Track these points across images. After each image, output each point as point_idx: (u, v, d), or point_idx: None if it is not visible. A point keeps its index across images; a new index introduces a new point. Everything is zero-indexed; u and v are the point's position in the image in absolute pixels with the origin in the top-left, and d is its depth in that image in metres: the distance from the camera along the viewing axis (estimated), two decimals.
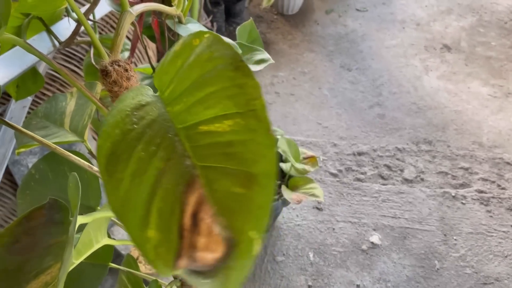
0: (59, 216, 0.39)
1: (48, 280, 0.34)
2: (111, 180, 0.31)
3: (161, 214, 0.30)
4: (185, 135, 0.33)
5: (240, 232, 0.29)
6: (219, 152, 0.31)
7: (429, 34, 2.40)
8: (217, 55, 0.33)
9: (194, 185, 0.31)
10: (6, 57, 0.71)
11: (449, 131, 1.83)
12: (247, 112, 0.31)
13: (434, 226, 1.48)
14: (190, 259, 0.29)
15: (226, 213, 0.29)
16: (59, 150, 0.46)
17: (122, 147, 0.32)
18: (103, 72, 0.43)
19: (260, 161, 0.29)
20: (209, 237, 0.29)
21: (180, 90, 0.35)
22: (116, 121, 0.34)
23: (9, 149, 1.07)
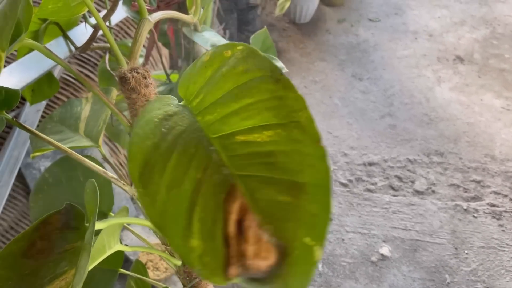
0: (75, 221, 0.39)
1: (63, 286, 0.34)
2: (146, 192, 0.31)
3: (204, 223, 0.30)
4: (221, 145, 0.33)
5: (292, 239, 0.28)
6: (259, 162, 0.31)
7: (442, 45, 2.39)
8: (254, 67, 0.33)
9: (235, 193, 0.30)
10: (24, 61, 0.72)
11: (461, 143, 1.81)
12: (289, 123, 0.31)
13: (445, 239, 1.46)
14: (242, 267, 0.29)
15: (273, 221, 0.29)
16: (75, 155, 0.46)
17: (155, 159, 0.32)
18: (122, 79, 0.43)
19: (306, 171, 0.29)
20: (258, 244, 0.29)
21: (212, 100, 0.35)
22: (146, 133, 0.33)
23: (22, 152, 1.08)
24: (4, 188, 1.04)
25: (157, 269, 1.29)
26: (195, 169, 0.32)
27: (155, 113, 0.35)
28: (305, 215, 0.29)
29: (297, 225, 0.30)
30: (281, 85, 0.33)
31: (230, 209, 0.31)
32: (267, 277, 0.30)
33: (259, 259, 0.30)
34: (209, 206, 0.31)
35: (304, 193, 0.30)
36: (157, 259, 1.33)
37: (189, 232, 0.30)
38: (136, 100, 0.44)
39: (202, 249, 0.30)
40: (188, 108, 0.37)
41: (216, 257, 0.30)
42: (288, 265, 0.29)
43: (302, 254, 0.29)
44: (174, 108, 0.37)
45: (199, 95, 0.36)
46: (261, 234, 0.30)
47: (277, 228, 0.30)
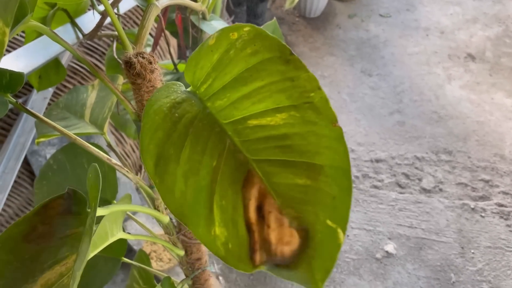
0: (77, 207, 0.39)
1: (63, 271, 0.33)
2: (163, 182, 0.30)
3: (224, 210, 0.29)
4: (233, 130, 0.32)
5: (314, 222, 0.28)
6: (274, 146, 0.30)
7: (453, 42, 2.35)
8: (263, 48, 0.32)
9: (252, 179, 0.30)
10: (30, 47, 0.72)
11: (470, 142, 1.79)
12: (302, 104, 0.30)
13: (452, 238, 1.45)
14: (267, 253, 0.28)
15: (293, 204, 0.29)
16: (79, 141, 0.45)
17: (168, 149, 0.31)
18: (127, 64, 0.42)
19: (323, 153, 0.28)
20: (280, 229, 0.28)
21: (220, 85, 0.34)
22: (155, 122, 0.33)
23: (28, 139, 1.08)
24: (9, 175, 1.04)
25: (161, 260, 1.29)
26: (210, 156, 0.31)
27: (163, 102, 0.34)
28: (326, 198, 0.29)
29: (318, 208, 0.29)
30: (292, 65, 0.32)
31: (248, 195, 0.30)
32: (292, 262, 0.29)
33: (282, 244, 0.29)
34: (227, 194, 0.30)
35: (323, 175, 0.29)
36: (160, 250, 1.33)
37: (210, 220, 0.30)
38: (142, 86, 0.43)
39: (225, 236, 0.29)
40: (196, 94, 0.36)
41: (240, 244, 0.29)
42: (312, 249, 0.28)
43: (326, 237, 0.28)
44: (182, 95, 0.36)
45: (207, 80, 0.35)
46: (282, 219, 0.29)
47: (298, 211, 0.29)
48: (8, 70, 0.43)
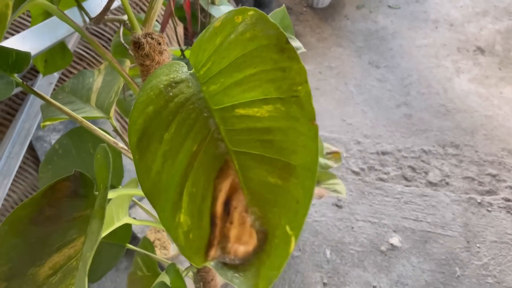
0: (84, 189, 0.38)
1: (71, 254, 0.33)
2: (142, 159, 0.30)
3: (193, 199, 0.29)
4: (220, 117, 0.31)
5: (275, 226, 0.27)
6: (256, 139, 0.29)
7: (462, 35, 2.33)
8: (261, 34, 0.31)
9: (228, 170, 0.29)
10: (36, 29, 0.71)
11: (478, 136, 1.77)
12: (289, 98, 0.29)
13: (457, 232, 1.43)
14: (222, 250, 0.28)
15: (260, 203, 0.28)
16: (86, 124, 0.44)
17: (154, 125, 0.31)
18: (136, 44, 0.41)
19: (300, 152, 0.27)
20: (241, 227, 0.28)
21: (217, 70, 0.33)
22: (149, 97, 0.32)
23: (33, 125, 1.08)
24: (14, 160, 1.04)
25: (165, 248, 1.29)
26: (192, 140, 0.30)
27: (162, 79, 0.34)
28: (291, 201, 0.28)
29: (282, 211, 0.28)
30: (286, 55, 0.30)
31: (220, 187, 0.29)
32: (241, 264, 0.28)
33: (239, 243, 0.28)
34: (200, 181, 0.29)
35: (294, 176, 0.28)
36: (164, 238, 1.32)
37: (178, 206, 0.29)
38: (150, 67, 0.42)
39: (188, 226, 0.28)
40: (196, 77, 0.35)
41: (201, 236, 0.28)
42: (265, 253, 0.27)
43: (281, 243, 0.27)
44: (182, 75, 0.35)
45: (207, 63, 0.34)
46: (246, 217, 0.28)
47: (263, 211, 0.28)
48: (15, 50, 0.42)
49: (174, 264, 0.58)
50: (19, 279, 0.33)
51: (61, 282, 0.32)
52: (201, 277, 0.76)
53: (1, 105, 1.14)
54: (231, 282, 0.27)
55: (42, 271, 0.33)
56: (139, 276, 0.90)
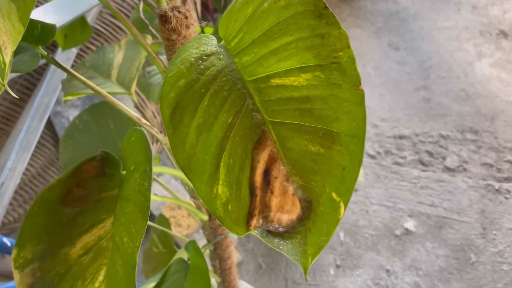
0: (110, 169, 0.38)
1: (102, 234, 0.33)
2: (176, 133, 0.29)
3: (231, 170, 0.28)
4: (255, 88, 0.30)
5: (319, 193, 0.26)
6: (293, 108, 0.28)
7: (485, 18, 2.26)
8: (297, 1, 0.30)
9: (265, 141, 0.28)
10: (58, 2, 0.70)
11: (498, 122, 1.74)
12: (329, 65, 0.28)
13: (473, 218, 1.42)
14: (264, 219, 0.27)
15: (301, 172, 0.27)
16: (110, 99, 0.44)
17: (187, 99, 0.30)
18: (162, 18, 0.40)
19: (343, 119, 0.27)
20: (283, 196, 0.27)
21: (250, 40, 0.32)
22: (180, 71, 0.31)
23: (52, 100, 1.08)
24: (33, 134, 1.05)
25: (179, 226, 1.30)
26: (227, 112, 0.30)
27: (192, 52, 0.33)
28: (335, 168, 0.27)
29: (325, 178, 0.27)
30: (324, 20, 0.29)
31: (258, 157, 0.29)
32: (287, 232, 0.28)
33: (282, 212, 0.28)
34: (237, 153, 0.29)
35: (337, 144, 0.27)
36: (179, 216, 1.33)
37: (215, 178, 0.28)
38: (176, 42, 0.42)
39: (227, 197, 0.28)
40: (226, 49, 0.35)
41: (240, 207, 0.28)
42: (311, 221, 0.27)
43: (328, 210, 0.27)
44: (212, 48, 0.34)
45: (239, 34, 0.33)
46: (287, 186, 0.28)
47: (304, 180, 0.27)
48: (40, 22, 0.41)
49: (194, 242, 0.58)
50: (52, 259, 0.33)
51: (92, 262, 0.32)
52: (218, 255, 0.76)
53: (20, 80, 1.14)
54: (279, 249, 0.27)
55: (74, 251, 0.33)
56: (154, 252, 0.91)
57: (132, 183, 0.35)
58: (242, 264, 1.33)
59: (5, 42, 0.27)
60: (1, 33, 0.27)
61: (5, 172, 1.00)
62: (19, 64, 0.41)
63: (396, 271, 1.30)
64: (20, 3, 0.27)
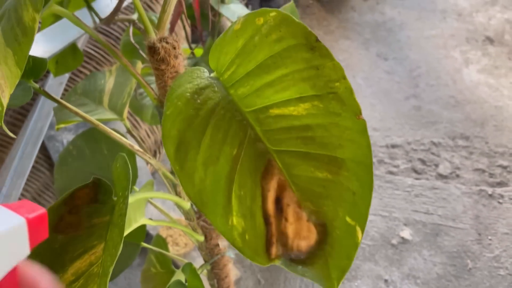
0: (103, 195, 0.39)
1: (93, 260, 0.33)
2: (183, 169, 0.30)
3: (242, 201, 0.29)
4: (254, 119, 0.31)
5: (333, 217, 0.27)
6: (295, 136, 0.29)
7: (471, 25, 2.30)
8: (288, 35, 0.31)
9: (272, 170, 0.29)
10: (48, 32, 0.71)
11: (488, 127, 1.76)
12: (327, 94, 0.29)
13: (468, 224, 1.43)
14: (283, 247, 0.28)
15: (312, 198, 0.28)
16: (102, 127, 0.45)
17: (189, 135, 0.31)
18: (151, 49, 0.41)
19: (346, 146, 0.28)
20: (298, 223, 0.28)
21: (244, 72, 0.33)
22: (178, 108, 0.32)
23: (45, 124, 1.09)
24: (27, 160, 1.05)
25: (177, 245, 1.30)
26: (230, 145, 0.31)
27: (186, 87, 0.34)
28: (346, 193, 0.28)
29: (337, 203, 0.28)
30: (317, 53, 0.31)
31: (267, 186, 0.29)
32: (308, 258, 0.28)
33: (299, 239, 0.28)
34: (246, 184, 0.30)
35: (344, 169, 0.28)
36: (176, 235, 1.34)
37: (228, 209, 0.29)
38: (165, 71, 0.43)
39: (242, 227, 0.29)
40: (219, 81, 0.35)
41: (257, 235, 0.28)
42: (329, 245, 0.28)
43: (344, 234, 0.27)
44: (205, 81, 0.35)
45: (231, 66, 0.34)
46: (300, 213, 0.29)
47: (316, 206, 0.28)
48: (31, 56, 0.42)
49: (190, 264, 0.59)
50: None
51: None
52: (215, 274, 0.77)
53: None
54: (304, 276, 0.27)
55: (65, 277, 0.33)
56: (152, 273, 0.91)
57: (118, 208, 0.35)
58: (241, 280, 1.33)
59: (2, 86, 0.28)
60: None
61: (0, 199, 1.00)
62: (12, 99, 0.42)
63: (395, 281, 1.30)
64: (16, 48, 0.28)
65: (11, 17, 0.29)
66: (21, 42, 0.28)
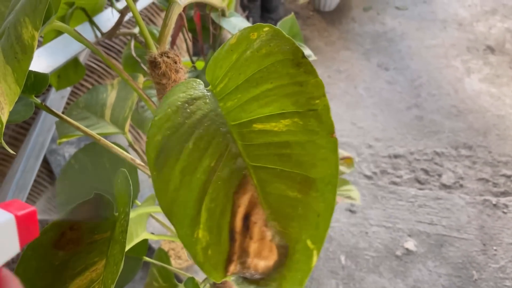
0: (104, 211, 0.38)
1: (94, 277, 0.33)
2: (160, 175, 0.30)
3: (212, 214, 0.29)
4: (238, 133, 0.31)
5: (296, 240, 0.27)
6: (274, 153, 0.29)
7: (471, 34, 2.31)
8: (277, 50, 0.31)
9: (246, 186, 0.29)
10: (50, 47, 0.72)
11: (491, 136, 1.75)
12: (307, 112, 0.29)
13: (473, 234, 1.42)
14: (242, 265, 0.28)
15: (280, 218, 0.28)
16: (104, 142, 0.45)
17: (172, 142, 0.31)
18: (152, 64, 0.41)
19: (319, 165, 0.27)
20: (261, 242, 0.27)
21: (234, 86, 0.33)
22: (167, 115, 0.32)
23: (47, 138, 1.09)
24: (29, 174, 1.05)
25: (179, 258, 1.29)
26: (210, 156, 0.31)
27: (179, 96, 0.34)
28: (311, 215, 0.28)
29: (302, 225, 0.28)
30: (302, 69, 0.31)
31: (239, 202, 0.29)
32: (262, 279, 0.28)
33: (259, 258, 0.28)
34: (219, 197, 0.29)
35: (313, 190, 0.28)
36: (179, 248, 1.33)
37: (196, 222, 0.29)
38: (166, 86, 0.43)
39: (207, 242, 0.28)
40: (212, 93, 0.36)
41: (220, 252, 0.28)
42: (286, 268, 0.27)
43: (302, 258, 0.27)
44: (199, 92, 0.35)
45: (224, 79, 0.35)
46: (265, 231, 0.28)
47: (283, 226, 0.28)
48: (33, 72, 0.43)
49: (193, 278, 0.58)
50: None
51: None
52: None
53: None
54: None
55: None
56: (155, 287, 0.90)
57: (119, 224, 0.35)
58: None
59: (1, 103, 0.28)
60: None
61: None
62: (13, 114, 0.42)
63: None
64: (15, 65, 0.28)
65: (10, 35, 0.29)
66: (20, 60, 0.28)
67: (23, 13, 0.28)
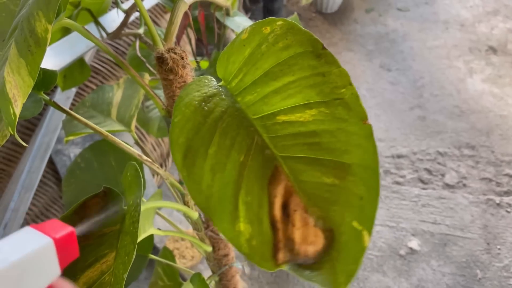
0: (113, 205, 0.39)
1: (104, 269, 0.33)
2: (191, 176, 0.30)
3: (249, 207, 0.29)
4: (262, 126, 0.31)
5: (340, 223, 0.27)
6: (302, 142, 0.30)
7: (474, 35, 2.31)
8: (294, 42, 0.31)
9: (279, 176, 0.29)
10: (57, 46, 0.72)
11: (494, 136, 1.75)
12: (333, 101, 0.29)
13: (477, 234, 1.42)
14: (290, 252, 0.28)
15: (319, 203, 0.28)
16: (111, 138, 0.45)
17: (196, 142, 0.31)
18: (159, 60, 0.42)
19: (353, 151, 0.28)
20: (305, 228, 0.28)
21: (251, 80, 0.33)
22: (186, 115, 0.33)
23: (52, 139, 1.09)
24: (35, 174, 1.06)
25: (184, 257, 1.30)
26: (238, 151, 0.31)
27: (194, 95, 0.34)
28: (353, 198, 0.28)
29: (344, 208, 0.28)
30: (323, 60, 0.31)
31: (274, 192, 0.29)
32: (315, 263, 0.28)
33: (306, 244, 0.28)
34: (253, 190, 0.30)
35: (351, 174, 0.28)
36: (183, 248, 1.33)
37: (235, 216, 0.29)
38: (173, 81, 0.43)
39: (249, 233, 0.29)
40: (227, 89, 0.36)
41: (264, 241, 0.29)
42: (336, 250, 0.28)
43: (351, 239, 0.27)
44: (213, 89, 0.35)
45: (238, 74, 0.35)
46: (307, 218, 0.29)
47: (323, 211, 0.28)
48: (42, 68, 0.43)
49: (199, 274, 0.58)
50: None
51: None
52: (223, 285, 0.76)
53: (21, 120, 1.16)
54: (311, 281, 0.27)
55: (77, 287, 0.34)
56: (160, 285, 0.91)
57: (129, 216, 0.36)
58: None
59: (15, 95, 0.28)
60: (11, 86, 0.28)
61: (8, 214, 1.00)
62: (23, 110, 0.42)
63: None
64: (29, 58, 0.28)
65: (24, 28, 0.30)
66: (34, 53, 0.28)
67: (36, 7, 0.29)
